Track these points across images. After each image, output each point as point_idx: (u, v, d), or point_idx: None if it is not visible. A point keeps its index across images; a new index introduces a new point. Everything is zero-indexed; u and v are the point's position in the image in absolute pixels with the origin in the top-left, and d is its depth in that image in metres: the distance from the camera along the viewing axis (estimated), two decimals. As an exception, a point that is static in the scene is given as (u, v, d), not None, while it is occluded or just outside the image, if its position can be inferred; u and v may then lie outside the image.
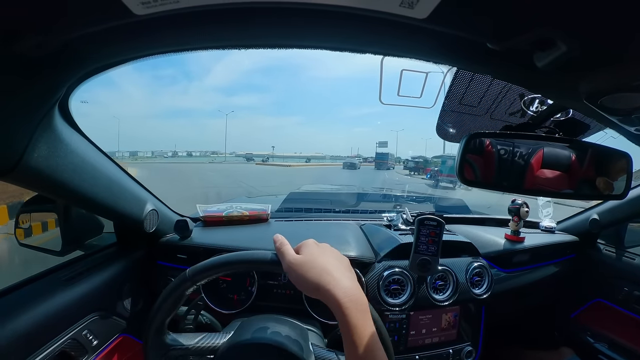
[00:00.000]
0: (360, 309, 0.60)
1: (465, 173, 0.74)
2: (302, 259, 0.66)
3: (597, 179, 0.73)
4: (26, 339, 0.73)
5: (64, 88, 0.58)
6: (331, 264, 0.65)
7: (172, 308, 0.76)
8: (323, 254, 0.68)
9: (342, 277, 0.63)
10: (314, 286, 0.63)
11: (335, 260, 0.68)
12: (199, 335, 0.82)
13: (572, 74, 0.44)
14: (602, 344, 1.59)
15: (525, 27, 0.36)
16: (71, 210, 1.02)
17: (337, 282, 0.62)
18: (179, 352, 0.79)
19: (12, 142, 0.56)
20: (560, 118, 0.73)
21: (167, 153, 73.65)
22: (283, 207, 1.91)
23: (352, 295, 0.60)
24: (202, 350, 0.80)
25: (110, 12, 0.34)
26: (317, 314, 1.17)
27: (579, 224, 1.75)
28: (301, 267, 0.65)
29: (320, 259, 0.66)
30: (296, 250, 0.70)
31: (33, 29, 0.37)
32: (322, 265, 0.65)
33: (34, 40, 0.39)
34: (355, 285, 0.63)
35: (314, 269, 0.64)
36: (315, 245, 0.71)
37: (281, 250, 0.69)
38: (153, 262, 1.26)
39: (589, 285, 1.72)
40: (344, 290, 0.60)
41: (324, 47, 0.48)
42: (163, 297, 0.75)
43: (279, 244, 0.71)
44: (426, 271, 1.19)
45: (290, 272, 0.66)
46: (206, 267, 0.74)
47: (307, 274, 0.64)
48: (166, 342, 0.78)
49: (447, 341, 1.32)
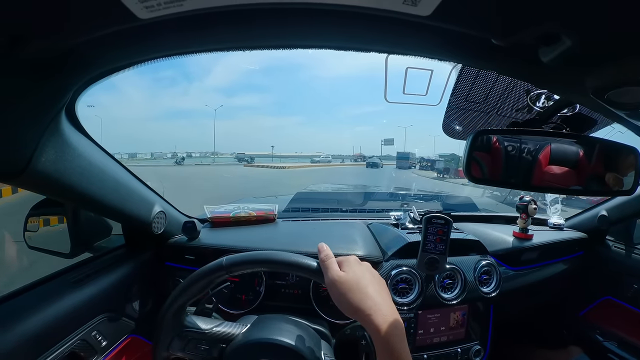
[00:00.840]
0: (398, 334, 0.61)
1: (473, 171, 0.73)
2: (345, 278, 0.67)
3: (606, 174, 0.72)
4: (36, 340, 0.74)
5: (71, 92, 0.58)
6: (372, 287, 0.67)
7: (199, 291, 0.77)
8: (364, 276, 0.68)
9: (382, 302, 0.64)
10: (355, 309, 0.64)
11: (376, 283, 0.69)
12: (216, 321, 0.83)
13: (577, 68, 0.44)
14: (611, 342, 1.57)
15: (530, 22, 0.35)
16: (79, 213, 1.03)
17: (377, 307, 0.63)
18: (193, 335, 0.79)
19: (20, 146, 0.56)
20: (567, 113, 0.73)
21: (166, 154, 73.78)
22: (290, 207, 1.91)
23: (392, 322, 0.62)
24: (217, 337, 0.80)
25: (114, 16, 0.35)
26: (325, 313, 1.17)
27: (587, 221, 1.73)
28: (343, 286, 0.66)
29: (362, 281, 0.67)
30: (339, 264, 0.70)
31: (39, 34, 0.37)
32: (364, 288, 0.66)
33: (39, 45, 0.39)
34: (393, 311, 0.65)
35: (357, 292, 0.65)
36: (357, 264, 0.71)
37: (325, 263, 0.71)
38: (161, 264, 1.27)
39: (597, 282, 1.70)
40: (384, 317, 0.62)
41: (329, 46, 0.48)
42: (194, 277, 0.76)
43: (324, 255, 0.72)
44: (434, 270, 1.19)
45: (332, 288, 0.68)
46: (244, 260, 0.75)
47: (348, 294, 0.65)
48: (184, 322, 0.79)
49: (455, 340, 1.31)
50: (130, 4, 0.32)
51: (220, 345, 0.80)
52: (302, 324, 0.89)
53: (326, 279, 0.69)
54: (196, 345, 0.80)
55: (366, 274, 0.69)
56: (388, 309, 0.64)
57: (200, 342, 0.80)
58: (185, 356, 0.80)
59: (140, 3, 0.32)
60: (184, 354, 0.80)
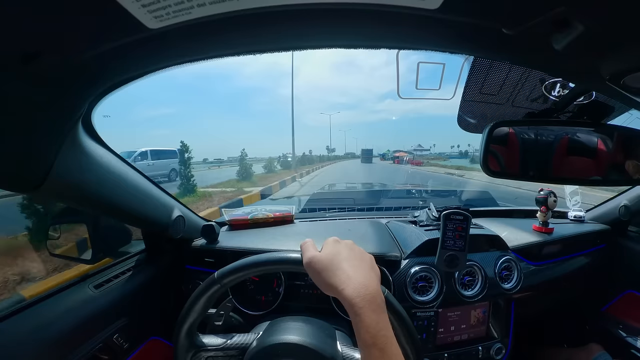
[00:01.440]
0: (373, 308, 0.58)
1: (490, 164, 0.72)
2: (319, 257, 0.65)
3: (626, 162, 0.71)
4: (59, 344, 0.76)
5: (86, 104, 0.59)
6: (348, 262, 0.64)
7: (202, 310, 0.78)
8: (340, 253, 0.66)
9: (356, 275, 0.62)
10: (328, 285, 0.62)
11: (354, 258, 0.66)
12: (228, 335, 0.84)
13: (591, 53, 0.43)
14: (634, 337, 1.53)
15: (539, 8, 0.35)
16: (100, 220, 1.05)
17: (350, 280, 0.60)
18: (209, 353, 0.80)
19: (38, 158, 0.58)
20: (583, 101, 0.71)
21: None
22: (307, 207, 1.92)
23: (365, 294, 0.58)
24: (231, 350, 0.81)
25: (124, 28, 0.36)
26: (344, 312, 1.17)
27: (608, 212, 1.69)
28: (318, 265, 0.64)
29: (337, 257, 0.65)
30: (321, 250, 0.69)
31: (51, 49, 0.39)
32: (338, 263, 0.64)
33: (53, 60, 0.40)
34: (369, 283, 0.61)
35: (330, 267, 0.63)
36: (335, 242, 0.69)
37: (303, 247, 0.70)
38: (181, 267, 1.28)
39: (620, 276, 1.66)
40: (355, 289, 0.59)
41: (338, 45, 0.48)
42: (192, 299, 0.77)
43: (303, 242, 0.71)
44: (454, 267, 1.17)
45: (309, 269, 0.66)
46: (233, 269, 0.75)
47: (323, 272, 0.63)
48: (196, 343, 0.80)
49: (476, 338, 1.30)
50: (139, 15, 0.33)
51: (237, 357, 0.81)
52: (314, 321, 0.90)
53: (304, 261, 0.67)
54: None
55: (342, 251, 0.66)
56: (362, 279, 0.61)
57: (217, 359, 0.81)
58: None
59: (150, 14, 0.33)
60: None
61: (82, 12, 0.33)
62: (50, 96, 0.49)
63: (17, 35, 0.35)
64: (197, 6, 0.33)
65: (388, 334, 0.57)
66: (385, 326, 0.58)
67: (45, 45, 0.38)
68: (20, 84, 0.43)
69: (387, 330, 0.57)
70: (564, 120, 0.72)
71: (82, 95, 0.55)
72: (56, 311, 0.80)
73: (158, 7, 0.32)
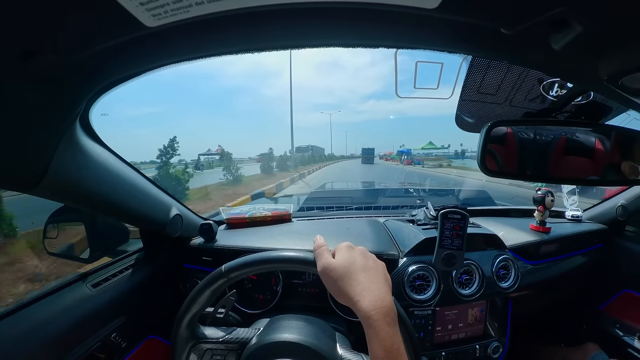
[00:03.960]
0: (388, 321, 0.58)
1: (488, 163, 0.72)
2: (335, 264, 0.65)
3: (623, 163, 0.71)
4: (56, 342, 0.76)
5: (84, 102, 0.59)
6: (363, 273, 0.64)
7: (205, 302, 0.78)
8: (355, 262, 0.66)
9: (371, 287, 0.62)
10: (344, 295, 0.63)
11: (368, 267, 0.67)
12: (228, 329, 0.84)
13: (590, 54, 0.43)
14: (631, 336, 1.54)
15: (538, 9, 0.35)
16: (98, 219, 1.05)
17: (365, 292, 0.61)
18: (208, 345, 0.80)
19: (36, 155, 0.57)
20: (581, 102, 0.71)
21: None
22: (305, 206, 1.92)
23: (381, 308, 0.59)
24: (231, 344, 0.81)
25: (123, 26, 0.35)
26: (342, 312, 1.17)
27: (606, 212, 1.70)
28: (333, 273, 0.65)
29: (353, 266, 0.65)
30: (333, 254, 0.69)
31: (48, 47, 0.38)
32: (354, 274, 0.64)
33: (51, 57, 0.40)
34: (385, 296, 0.62)
35: (346, 277, 0.63)
36: (349, 249, 0.70)
37: (317, 252, 0.70)
38: (179, 266, 1.28)
39: (617, 275, 1.67)
40: (371, 302, 0.59)
41: (336, 44, 0.48)
42: (197, 290, 0.77)
43: (317, 245, 0.71)
44: (451, 265, 1.18)
45: (323, 276, 0.67)
46: (242, 264, 0.75)
47: (338, 281, 0.64)
48: (196, 334, 0.80)
49: (473, 337, 1.30)
50: (138, 14, 0.33)
51: (236, 351, 0.81)
52: (315, 320, 0.90)
53: (318, 267, 0.68)
54: (212, 355, 0.81)
55: (358, 260, 0.67)
56: (377, 293, 0.61)
57: (217, 351, 0.81)
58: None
59: (148, 12, 0.33)
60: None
61: (81, 11, 0.33)
62: (48, 94, 0.49)
63: (15, 33, 0.35)
64: (196, 4, 0.33)
65: (400, 348, 0.58)
66: (398, 339, 0.59)
67: (43, 43, 0.38)
68: (18, 82, 0.43)
69: (400, 343, 0.58)
70: (561, 120, 0.72)
71: (79, 93, 0.55)
72: (54, 310, 0.79)
73: (156, 5, 0.32)
